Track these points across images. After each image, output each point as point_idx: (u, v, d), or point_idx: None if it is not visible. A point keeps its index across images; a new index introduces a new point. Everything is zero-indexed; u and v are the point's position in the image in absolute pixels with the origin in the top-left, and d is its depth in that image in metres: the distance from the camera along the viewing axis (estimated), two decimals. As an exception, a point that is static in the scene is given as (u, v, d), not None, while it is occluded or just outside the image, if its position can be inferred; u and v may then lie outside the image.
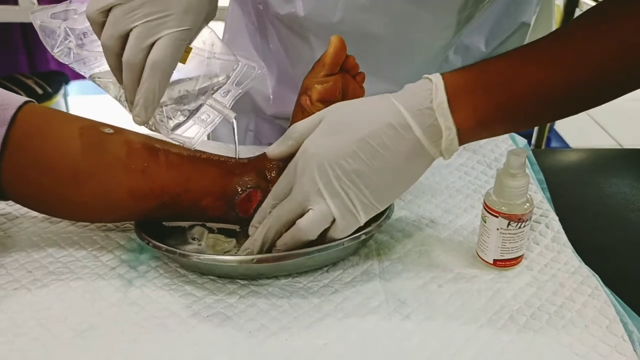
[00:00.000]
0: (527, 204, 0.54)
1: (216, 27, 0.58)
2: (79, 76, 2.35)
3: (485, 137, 0.53)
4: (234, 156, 0.59)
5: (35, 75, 2.12)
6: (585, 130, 2.48)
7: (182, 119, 0.56)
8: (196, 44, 0.54)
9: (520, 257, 0.57)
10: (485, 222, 0.56)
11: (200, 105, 0.56)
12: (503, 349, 0.49)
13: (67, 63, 0.55)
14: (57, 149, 0.54)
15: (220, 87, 0.57)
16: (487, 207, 0.55)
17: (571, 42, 0.49)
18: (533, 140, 1.78)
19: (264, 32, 0.79)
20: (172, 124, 0.55)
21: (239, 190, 0.57)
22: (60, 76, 2.20)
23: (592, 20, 0.49)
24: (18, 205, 0.64)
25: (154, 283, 0.55)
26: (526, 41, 0.75)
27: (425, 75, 0.52)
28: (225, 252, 0.58)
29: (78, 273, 0.56)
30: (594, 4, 1.55)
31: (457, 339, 0.49)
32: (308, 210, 0.52)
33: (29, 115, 0.54)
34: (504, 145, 0.77)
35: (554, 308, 0.53)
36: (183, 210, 0.57)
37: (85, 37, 0.55)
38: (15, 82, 2.05)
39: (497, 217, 0.54)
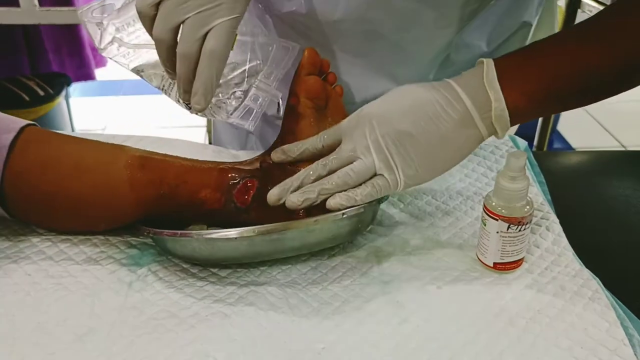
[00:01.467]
0: (527, 207, 0.54)
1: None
2: (80, 78, 2.38)
3: (536, 117, 0.57)
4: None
5: (37, 77, 2.13)
6: (587, 132, 2.47)
7: (235, 103, 0.58)
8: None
9: (521, 260, 0.57)
10: (485, 225, 0.56)
11: (248, 89, 0.59)
12: (502, 352, 0.49)
13: (110, 57, 0.57)
14: (59, 148, 0.57)
15: (261, 69, 0.59)
16: (486, 210, 0.55)
17: (618, 23, 0.52)
18: (535, 142, 1.78)
19: (265, 32, 0.79)
20: (230, 108, 0.58)
21: (236, 180, 0.58)
22: (62, 78, 2.20)
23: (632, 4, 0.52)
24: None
25: (153, 287, 0.55)
26: (528, 41, 0.75)
27: (479, 60, 0.55)
28: None
29: (78, 277, 0.56)
30: (595, 4, 1.54)
31: (456, 342, 0.49)
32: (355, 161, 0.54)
33: (33, 130, 0.58)
34: (505, 148, 0.77)
35: (554, 311, 0.52)
36: (181, 202, 0.58)
37: (122, 30, 0.58)
38: (17, 84, 2.05)
39: (497, 220, 0.54)
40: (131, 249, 0.60)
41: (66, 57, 2.33)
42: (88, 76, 2.40)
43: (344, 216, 0.54)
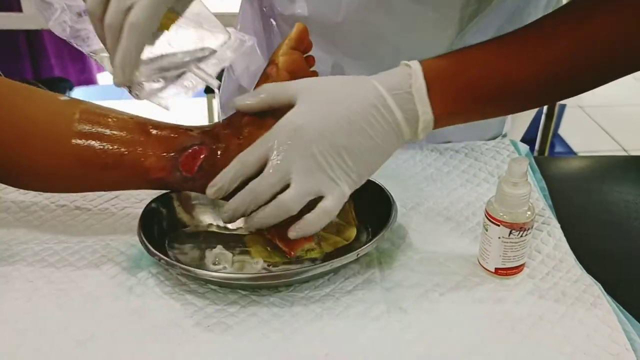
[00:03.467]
0: (529, 213, 0.54)
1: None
2: (82, 82, 2.38)
3: (459, 123, 0.56)
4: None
5: (40, 82, 2.13)
6: (589, 135, 2.48)
7: (159, 85, 0.57)
8: (186, 15, 0.55)
9: (522, 265, 0.57)
10: (486, 230, 0.56)
11: (184, 73, 0.57)
12: (505, 359, 0.48)
13: (63, 37, 0.56)
14: (10, 111, 0.56)
15: (208, 58, 0.58)
16: (488, 216, 0.55)
17: (542, 36, 0.53)
18: (536, 146, 1.78)
19: (270, 35, 0.80)
20: (150, 87, 0.56)
21: (184, 147, 0.56)
22: (64, 82, 2.21)
23: (562, 16, 0.53)
24: (17, 214, 0.64)
25: (154, 291, 0.55)
26: None
27: (403, 62, 0.54)
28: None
29: (79, 282, 0.56)
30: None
31: (460, 349, 0.49)
32: (289, 185, 0.51)
33: None
34: (506, 152, 0.77)
35: (556, 317, 0.52)
36: (126, 174, 0.57)
37: (84, 14, 0.56)
38: (19, 89, 2.05)
39: (498, 225, 0.54)
40: (131, 249, 0.60)
41: (68, 61, 2.34)
42: (90, 81, 2.41)
43: (359, 256, 0.54)
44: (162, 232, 0.60)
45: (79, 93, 2.46)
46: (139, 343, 0.49)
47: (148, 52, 0.55)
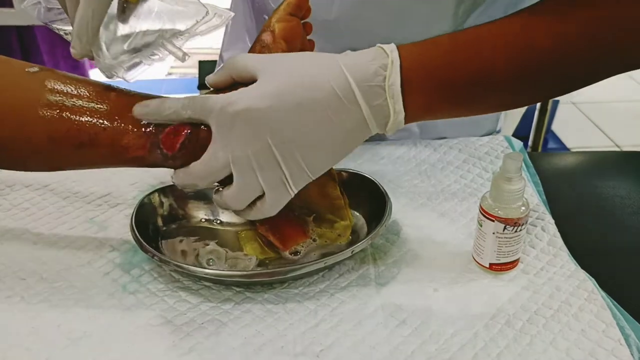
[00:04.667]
0: (524, 208, 0.54)
1: (217, 31, 0.57)
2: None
3: (429, 119, 0.52)
4: None
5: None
6: (582, 131, 2.48)
7: (124, 57, 0.54)
8: None
9: (517, 260, 0.57)
10: (481, 226, 0.55)
11: (151, 45, 0.54)
12: (500, 354, 0.48)
13: (39, 20, 0.53)
14: None
15: (181, 33, 0.55)
16: (483, 211, 0.55)
17: (528, 23, 0.48)
18: (530, 142, 1.78)
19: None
20: (109, 60, 0.53)
21: (164, 124, 0.52)
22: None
23: (539, 12, 0.48)
24: (9, 211, 0.64)
25: (147, 288, 0.54)
26: None
27: (380, 45, 0.49)
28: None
29: (71, 280, 0.55)
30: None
31: (453, 345, 0.49)
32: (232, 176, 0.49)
33: None
34: (500, 148, 0.77)
35: (551, 312, 0.52)
36: (104, 152, 0.53)
37: None
38: (10, 86, 2.04)
39: (493, 221, 0.54)
40: (124, 245, 0.59)
41: (60, 58, 2.32)
42: (82, 77, 2.41)
43: (353, 253, 0.54)
44: (155, 228, 0.60)
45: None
46: (132, 340, 0.49)
47: (120, 31, 0.53)
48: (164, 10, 0.54)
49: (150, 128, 0.52)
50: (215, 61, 0.94)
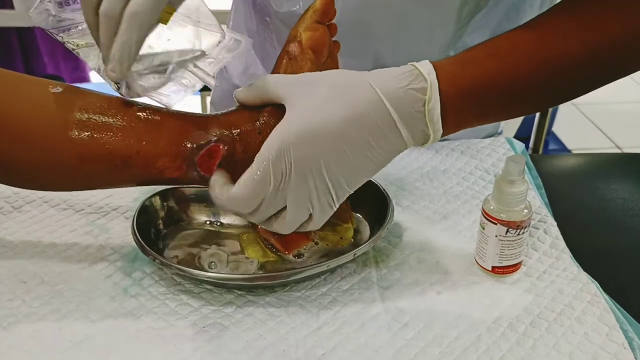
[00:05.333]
0: (526, 211, 0.54)
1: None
2: (75, 80, 2.37)
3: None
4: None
5: (32, 80, 2.12)
6: (583, 133, 2.48)
7: (155, 80, 0.53)
8: (182, 10, 0.52)
9: (519, 263, 0.57)
10: (483, 229, 0.55)
11: (175, 70, 0.54)
12: (502, 357, 0.48)
13: (45, 27, 0.52)
14: (3, 110, 0.51)
15: (204, 56, 0.55)
16: (485, 214, 0.55)
17: (555, 30, 0.49)
18: (531, 144, 1.78)
19: (263, 33, 0.79)
20: (147, 83, 0.53)
21: (199, 145, 0.52)
22: (57, 80, 2.19)
23: (565, 17, 0.49)
24: (10, 214, 0.64)
25: (149, 292, 0.54)
26: None
27: (414, 64, 0.49)
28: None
29: (72, 282, 0.55)
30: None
31: (457, 348, 0.49)
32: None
33: None
34: (502, 150, 0.77)
35: (553, 315, 0.52)
36: (137, 173, 0.52)
37: (67, 4, 0.52)
38: (11, 87, 2.04)
39: (495, 224, 0.54)
40: (125, 248, 0.59)
41: (61, 59, 2.32)
42: (83, 78, 2.40)
43: (355, 256, 0.54)
44: (157, 231, 0.59)
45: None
46: (133, 344, 0.49)
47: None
48: (188, 30, 0.54)
49: (185, 150, 0.51)
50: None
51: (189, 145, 0.52)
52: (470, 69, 0.49)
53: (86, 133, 0.51)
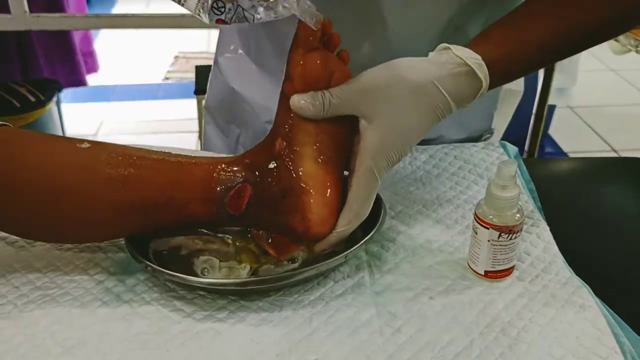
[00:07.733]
0: (518, 215, 0.54)
1: (211, 33, 0.54)
2: (71, 83, 2.37)
3: None
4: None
5: (28, 83, 2.12)
6: (579, 136, 2.49)
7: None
8: None
9: (512, 268, 0.57)
10: (476, 233, 0.56)
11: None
12: (494, 362, 0.48)
13: None
14: (32, 168, 0.53)
15: None
16: (478, 219, 0.55)
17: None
18: (526, 147, 1.78)
19: (255, 34, 0.79)
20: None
21: (227, 187, 0.54)
22: (53, 84, 2.19)
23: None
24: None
25: (142, 298, 0.54)
26: None
27: (471, 65, 0.55)
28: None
29: (65, 288, 0.55)
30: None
31: (450, 352, 0.49)
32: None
33: (1, 138, 0.53)
34: (495, 154, 0.77)
35: (546, 320, 0.52)
36: (169, 219, 0.55)
37: None
38: (8, 90, 2.04)
39: (488, 228, 0.54)
40: (118, 254, 0.59)
41: (57, 63, 2.32)
42: (79, 82, 2.40)
43: (347, 258, 0.54)
44: (149, 237, 0.59)
45: (68, 94, 2.44)
46: (126, 350, 0.49)
47: None
48: None
49: (214, 193, 0.54)
50: (210, 66, 0.94)
51: (218, 189, 0.54)
52: (516, 65, 0.59)
53: (118, 186, 0.53)
